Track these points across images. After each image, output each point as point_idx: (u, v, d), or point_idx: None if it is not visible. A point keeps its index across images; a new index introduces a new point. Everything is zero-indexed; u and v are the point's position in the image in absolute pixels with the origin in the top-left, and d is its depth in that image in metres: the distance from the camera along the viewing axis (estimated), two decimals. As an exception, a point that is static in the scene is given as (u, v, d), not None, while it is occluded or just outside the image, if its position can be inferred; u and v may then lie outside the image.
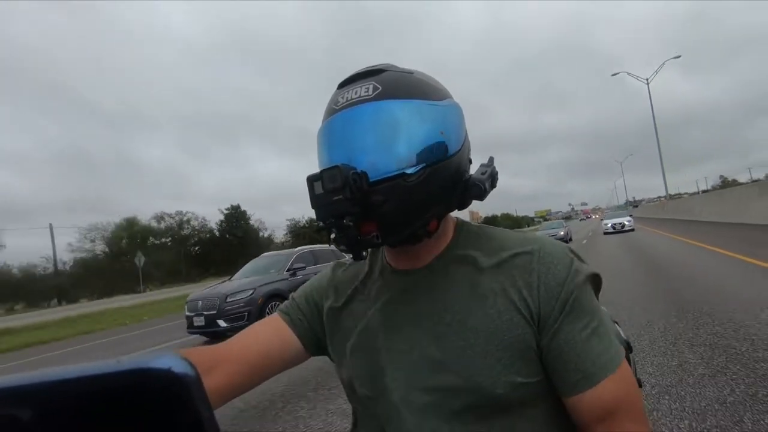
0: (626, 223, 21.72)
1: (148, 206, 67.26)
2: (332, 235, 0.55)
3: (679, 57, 28.29)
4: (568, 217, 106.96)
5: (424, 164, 0.54)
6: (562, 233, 20.16)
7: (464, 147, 0.61)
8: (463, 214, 0.70)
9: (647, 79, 29.06)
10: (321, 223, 0.55)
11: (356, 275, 0.70)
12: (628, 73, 30.00)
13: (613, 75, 31.70)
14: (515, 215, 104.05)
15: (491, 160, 0.66)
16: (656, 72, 28.42)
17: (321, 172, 0.53)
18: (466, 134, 0.63)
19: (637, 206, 75.23)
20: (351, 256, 0.57)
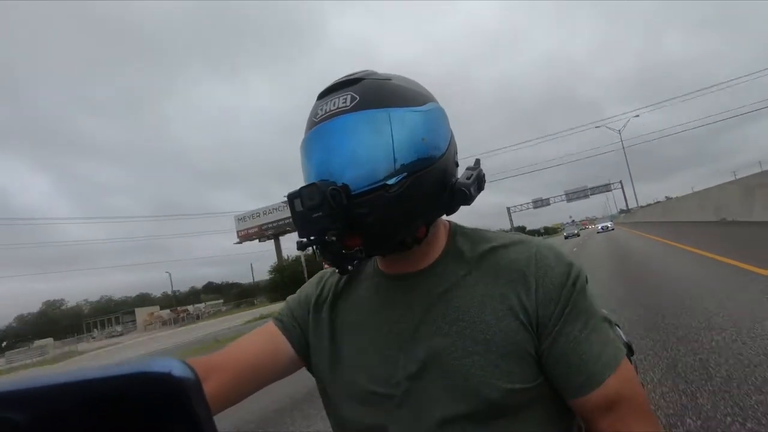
0: (609, 226, 37.76)
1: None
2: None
3: (638, 116, 45.54)
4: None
5: (405, 173, 0.53)
6: (576, 231, 42.06)
7: (449, 150, 0.59)
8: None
9: (619, 131, 44.85)
10: (304, 240, 0.54)
11: (348, 279, 0.68)
12: (607, 127, 46.74)
13: (597, 127, 47.15)
14: (551, 225, 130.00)
15: (477, 162, 0.64)
16: (624, 125, 44.82)
17: (300, 189, 0.53)
18: (452, 137, 0.61)
19: (615, 217, 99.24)
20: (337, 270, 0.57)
